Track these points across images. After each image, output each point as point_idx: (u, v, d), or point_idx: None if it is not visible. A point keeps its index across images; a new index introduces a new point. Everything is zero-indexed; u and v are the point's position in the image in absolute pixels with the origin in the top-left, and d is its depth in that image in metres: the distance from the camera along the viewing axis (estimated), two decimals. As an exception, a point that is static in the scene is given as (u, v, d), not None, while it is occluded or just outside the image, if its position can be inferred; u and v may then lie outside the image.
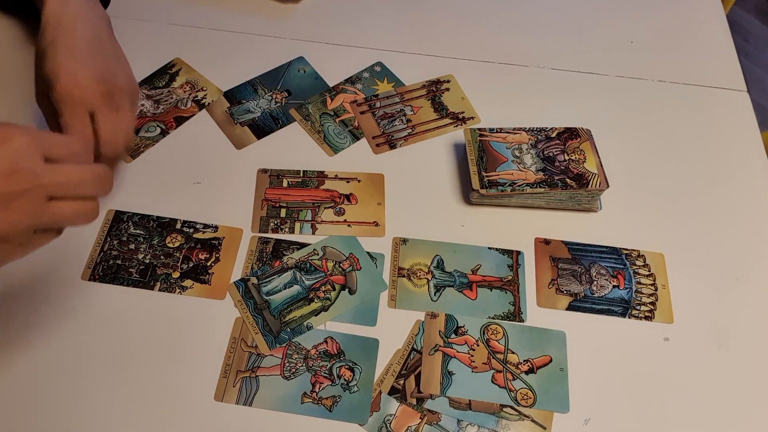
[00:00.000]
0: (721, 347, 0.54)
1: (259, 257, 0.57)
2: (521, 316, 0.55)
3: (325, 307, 0.54)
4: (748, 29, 1.92)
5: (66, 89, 0.49)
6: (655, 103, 0.70)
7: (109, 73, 0.51)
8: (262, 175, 0.62)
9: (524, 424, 0.50)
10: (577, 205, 0.61)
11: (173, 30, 0.72)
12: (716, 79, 0.73)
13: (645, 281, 0.57)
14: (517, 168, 0.60)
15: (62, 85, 0.49)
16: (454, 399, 0.51)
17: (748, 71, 1.75)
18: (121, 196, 0.60)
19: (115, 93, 0.51)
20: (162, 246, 0.57)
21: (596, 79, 0.72)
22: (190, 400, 0.50)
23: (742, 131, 0.69)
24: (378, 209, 0.60)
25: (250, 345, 0.52)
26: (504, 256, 0.58)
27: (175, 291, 0.54)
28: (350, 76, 0.70)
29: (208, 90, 0.68)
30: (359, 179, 0.62)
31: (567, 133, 0.62)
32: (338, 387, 0.51)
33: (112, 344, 0.52)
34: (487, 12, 0.78)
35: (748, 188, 0.64)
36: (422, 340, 0.53)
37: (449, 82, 0.70)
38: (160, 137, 0.64)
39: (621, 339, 0.54)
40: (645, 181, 0.64)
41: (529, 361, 0.53)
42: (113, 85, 0.51)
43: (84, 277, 0.55)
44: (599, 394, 0.52)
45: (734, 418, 0.51)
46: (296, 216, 0.59)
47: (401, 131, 0.66)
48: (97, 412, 0.49)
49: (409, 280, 0.56)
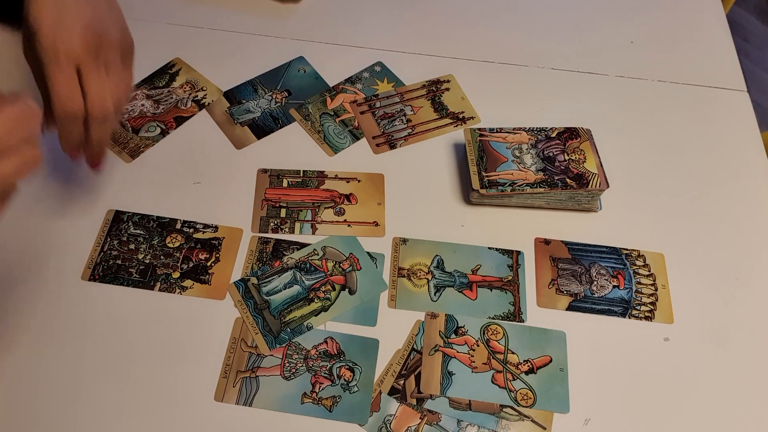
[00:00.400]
0: (721, 347, 0.54)
1: (259, 257, 0.57)
2: (521, 316, 0.55)
3: (325, 307, 0.54)
4: (748, 29, 1.92)
5: (48, 41, 0.44)
6: (655, 103, 0.70)
7: (98, 24, 0.46)
8: (262, 175, 0.62)
9: (524, 425, 0.50)
10: (577, 205, 0.61)
11: (173, 30, 0.72)
12: (716, 79, 0.73)
13: (645, 281, 0.57)
14: (517, 168, 0.60)
15: (44, 36, 0.44)
16: (454, 399, 0.51)
17: (748, 71, 1.75)
18: (121, 196, 0.60)
19: (105, 46, 0.46)
20: (162, 246, 0.57)
21: (596, 79, 0.72)
22: (190, 400, 0.50)
23: (742, 131, 0.69)
24: (378, 209, 0.60)
25: (250, 345, 0.52)
26: (504, 256, 0.58)
27: (175, 291, 0.54)
28: (350, 76, 0.70)
29: (208, 90, 0.68)
30: (359, 179, 0.62)
31: (567, 133, 0.62)
32: (338, 387, 0.51)
33: (112, 344, 0.52)
34: (487, 12, 0.78)
35: (748, 188, 0.64)
36: (422, 340, 0.53)
37: (449, 82, 0.70)
38: (160, 137, 0.64)
39: (621, 339, 0.54)
40: (645, 181, 0.64)
41: (529, 361, 0.53)
42: (103, 37, 0.46)
43: (84, 277, 0.55)
44: (599, 394, 0.52)
45: (734, 418, 0.51)
46: (296, 216, 0.59)
47: (401, 131, 0.66)
48: (97, 412, 0.49)
49: (409, 280, 0.56)
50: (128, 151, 0.62)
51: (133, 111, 0.65)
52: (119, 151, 0.62)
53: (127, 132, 0.64)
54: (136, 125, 0.64)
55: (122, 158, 0.62)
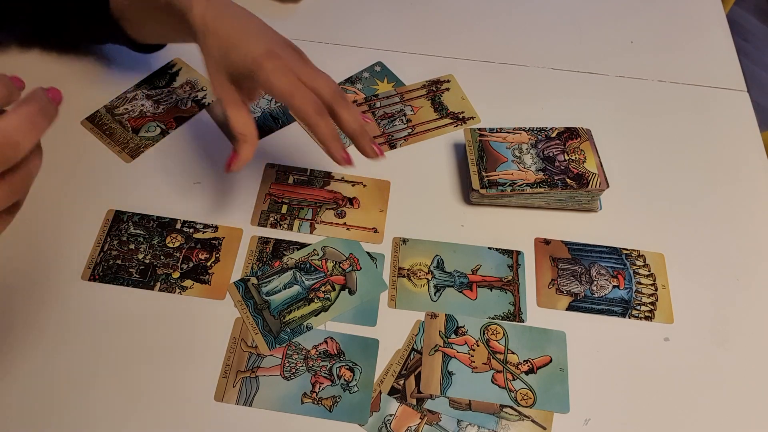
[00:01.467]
0: (721, 347, 0.54)
1: (259, 257, 0.57)
2: (521, 316, 0.55)
3: (325, 307, 0.54)
4: (748, 29, 1.92)
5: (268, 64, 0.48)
6: (655, 103, 0.70)
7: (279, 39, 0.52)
8: (269, 169, 0.62)
9: (524, 425, 0.50)
10: (577, 205, 0.61)
11: (173, 30, 0.72)
12: (716, 79, 0.73)
13: (645, 281, 0.57)
14: (517, 168, 0.60)
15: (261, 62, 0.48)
16: (454, 399, 0.51)
17: (748, 71, 1.75)
18: (121, 196, 0.60)
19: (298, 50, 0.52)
20: (162, 246, 0.57)
21: (596, 79, 0.72)
22: (190, 400, 0.50)
23: (742, 131, 0.69)
24: (379, 216, 0.60)
25: (250, 345, 0.52)
26: (504, 256, 0.58)
27: (175, 291, 0.54)
28: (350, 76, 0.70)
29: (208, 90, 0.68)
30: (365, 184, 0.62)
31: (567, 133, 0.62)
32: (338, 387, 0.51)
33: (112, 344, 0.52)
34: (487, 12, 0.78)
35: (748, 188, 0.64)
36: (422, 340, 0.53)
37: (449, 82, 0.70)
38: (160, 137, 0.64)
39: (621, 339, 0.54)
40: (645, 181, 0.64)
41: (529, 361, 0.53)
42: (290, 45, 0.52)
43: (84, 277, 0.55)
44: (599, 394, 0.52)
45: (734, 418, 0.51)
46: (297, 213, 0.59)
47: (401, 131, 0.66)
48: (97, 412, 0.49)
49: (409, 280, 0.56)
50: (128, 151, 0.63)
51: (133, 111, 0.65)
52: (119, 151, 0.62)
53: (127, 132, 0.64)
54: (136, 125, 0.64)
55: (122, 158, 0.62)
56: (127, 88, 0.67)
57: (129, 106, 0.66)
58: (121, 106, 0.65)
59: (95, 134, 0.63)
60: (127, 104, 0.66)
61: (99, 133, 0.63)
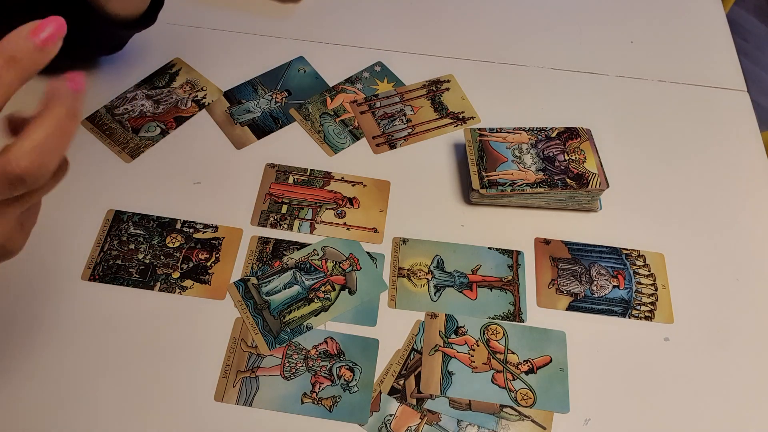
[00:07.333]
0: (721, 347, 0.54)
1: (259, 257, 0.57)
2: (521, 316, 0.55)
3: (325, 307, 0.54)
4: (748, 29, 1.92)
5: None
6: (655, 103, 0.70)
7: None
8: (269, 169, 0.62)
9: (524, 425, 0.50)
10: (577, 205, 0.61)
11: (173, 30, 0.72)
12: (716, 79, 0.73)
13: (645, 281, 0.57)
14: (517, 168, 0.60)
15: None
16: (454, 399, 0.51)
17: (748, 71, 1.75)
18: (121, 196, 0.60)
19: None
20: (162, 246, 0.57)
21: (596, 79, 0.72)
22: (190, 400, 0.50)
23: (742, 131, 0.69)
24: (379, 216, 0.60)
25: (250, 345, 0.52)
26: (504, 256, 0.58)
27: (175, 291, 0.54)
28: (350, 76, 0.70)
29: (208, 90, 0.68)
30: (365, 184, 0.62)
31: (567, 133, 0.62)
32: (338, 387, 0.51)
33: (112, 344, 0.52)
34: (487, 12, 0.78)
35: (748, 188, 0.64)
36: (422, 340, 0.53)
37: (449, 82, 0.70)
38: (160, 137, 0.64)
39: (621, 339, 0.54)
40: (645, 181, 0.64)
41: (529, 361, 0.53)
42: None
43: (84, 277, 0.55)
44: (599, 394, 0.52)
45: (734, 418, 0.51)
46: (297, 213, 0.59)
47: (401, 131, 0.66)
48: (97, 413, 0.49)
49: (409, 280, 0.56)
50: (128, 151, 0.62)
51: (133, 111, 0.65)
52: (119, 151, 0.62)
53: (127, 132, 0.64)
54: (136, 125, 0.64)
55: (122, 158, 0.62)
56: (127, 88, 0.67)
57: (129, 106, 0.66)
58: (121, 106, 0.65)
59: (95, 134, 0.63)
60: (127, 104, 0.66)
61: (99, 133, 0.63)
